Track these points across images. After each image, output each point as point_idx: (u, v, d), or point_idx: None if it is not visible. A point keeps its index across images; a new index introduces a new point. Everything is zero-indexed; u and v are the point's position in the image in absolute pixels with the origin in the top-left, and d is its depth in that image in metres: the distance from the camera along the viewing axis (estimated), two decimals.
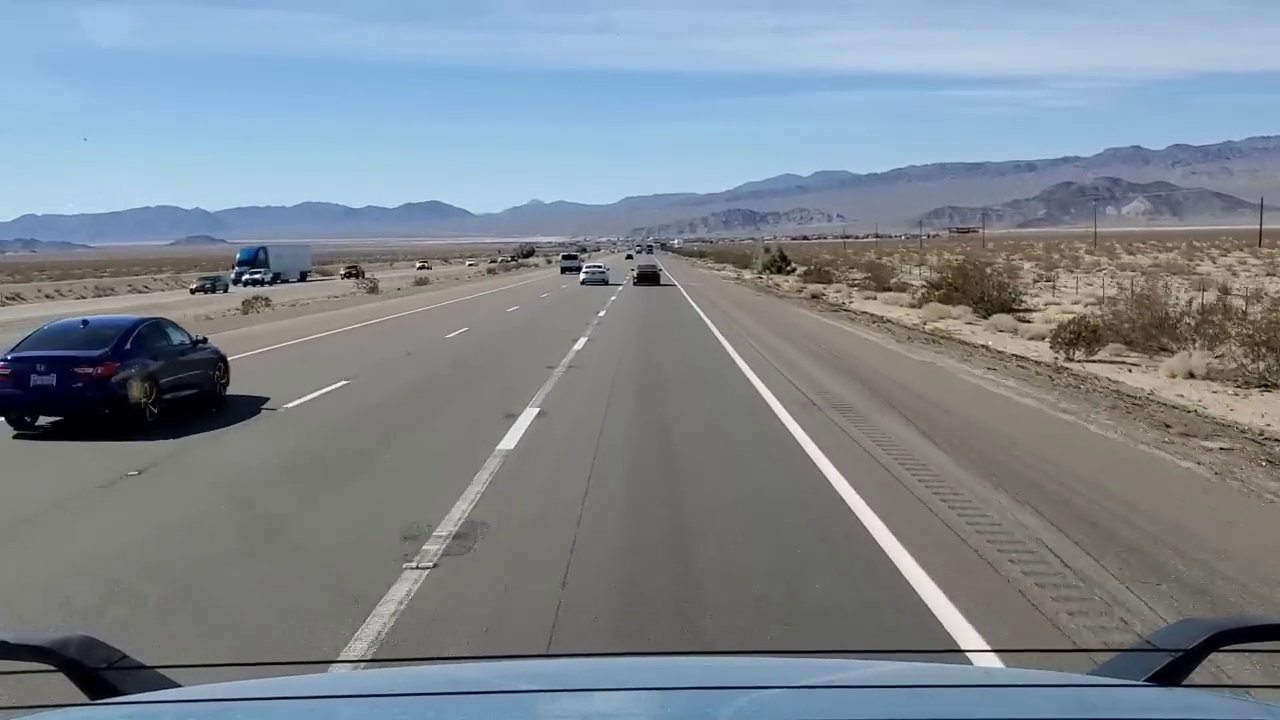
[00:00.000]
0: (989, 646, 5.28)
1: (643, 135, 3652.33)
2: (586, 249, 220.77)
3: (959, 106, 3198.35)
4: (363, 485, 9.43)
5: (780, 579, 6.43)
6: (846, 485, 9.03)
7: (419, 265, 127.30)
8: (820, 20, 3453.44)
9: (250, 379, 16.84)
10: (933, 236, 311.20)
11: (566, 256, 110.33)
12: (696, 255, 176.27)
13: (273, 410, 14.21)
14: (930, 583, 6.26)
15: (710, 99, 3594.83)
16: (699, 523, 7.92)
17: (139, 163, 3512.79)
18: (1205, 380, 18.07)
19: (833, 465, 9.90)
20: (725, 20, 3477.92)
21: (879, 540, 7.26)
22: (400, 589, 6.21)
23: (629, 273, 71.69)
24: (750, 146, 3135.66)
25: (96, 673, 1.54)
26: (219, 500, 8.89)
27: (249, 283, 76.81)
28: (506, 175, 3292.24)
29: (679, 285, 59.90)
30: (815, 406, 13.70)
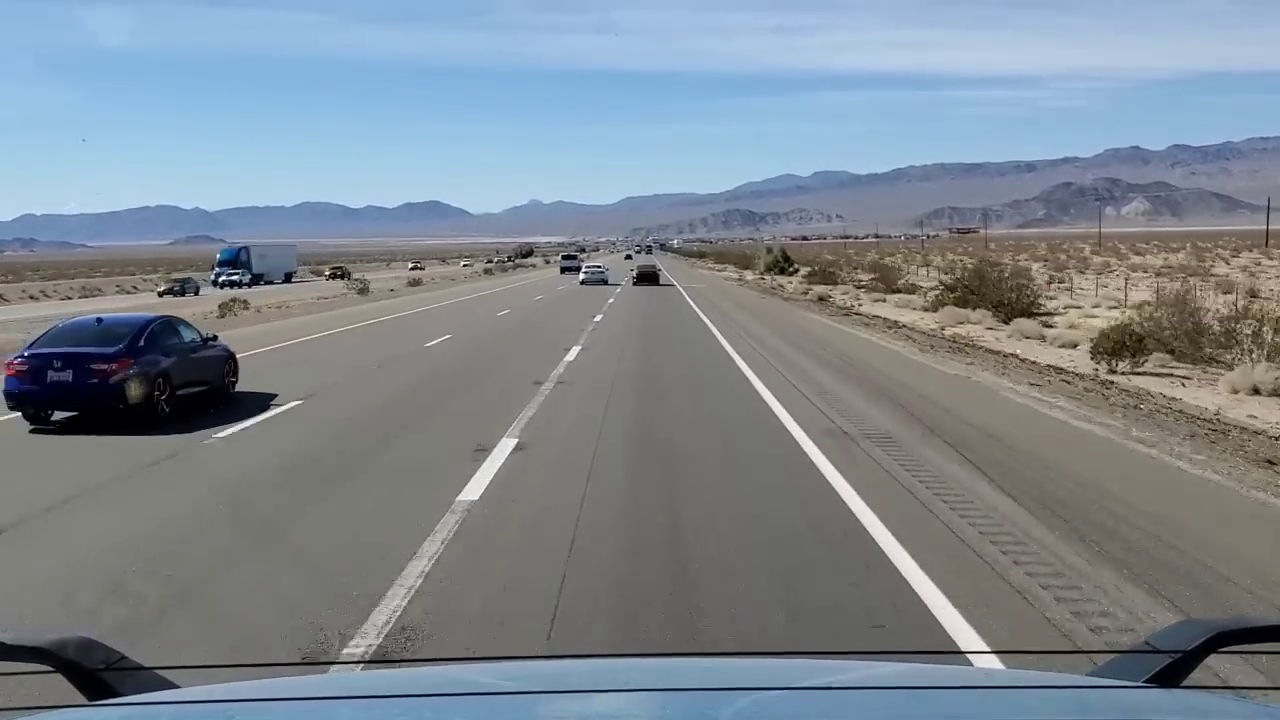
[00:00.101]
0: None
1: (642, 135, 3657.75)
2: (586, 249, 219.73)
3: (958, 107, 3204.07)
4: (261, 578, 6.73)
5: None
6: (910, 562, 6.76)
7: (412, 266, 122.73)
8: (820, 20, 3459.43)
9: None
10: (932, 237, 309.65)
11: (566, 257, 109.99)
12: (696, 255, 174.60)
13: (189, 443, 11.92)
14: None
15: (710, 99, 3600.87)
16: (721, 633, 5.48)
17: (138, 162, 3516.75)
18: (1275, 397, 16.09)
19: (885, 528, 7.65)
20: (725, 20, 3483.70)
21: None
22: None
23: (628, 273, 71.40)
24: (750, 147, 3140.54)
25: (95, 674, 1.55)
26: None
27: (226, 284, 74.02)
28: (506, 175, 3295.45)
29: (679, 287, 57.76)
30: (847, 437, 11.48)
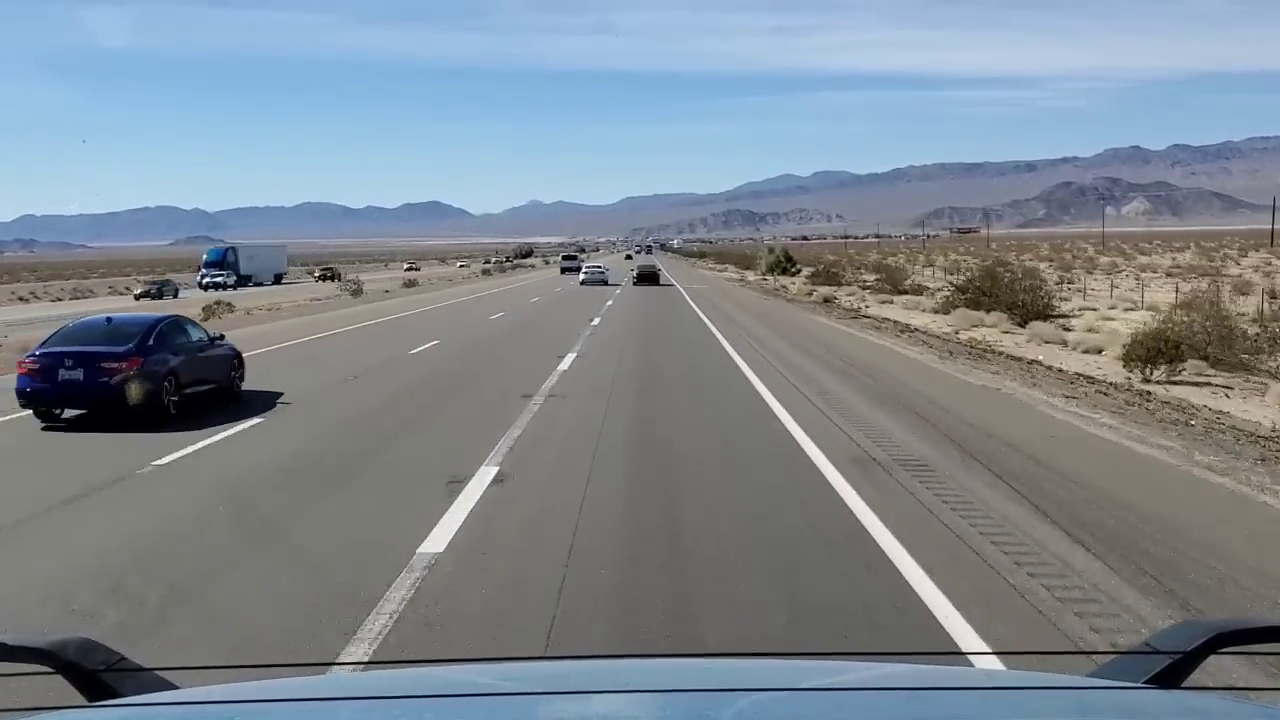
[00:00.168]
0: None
1: (642, 136, 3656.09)
2: (586, 249, 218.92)
3: (958, 107, 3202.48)
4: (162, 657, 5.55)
5: None
6: (987, 649, 5.20)
7: (407, 267, 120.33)
8: (819, 21, 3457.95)
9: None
10: (933, 237, 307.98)
11: (566, 257, 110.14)
12: (696, 256, 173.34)
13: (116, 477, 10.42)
14: None
15: (709, 99, 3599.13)
16: None
17: (138, 163, 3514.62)
18: None
19: (948, 599, 6.04)
20: (724, 21, 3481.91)
21: None
22: None
23: (629, 273, 71.26)
24: (749, 147, 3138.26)
25: (95, 675, 1.54)
26: None
27: (211, 286, 71.76)
28: (506, 176, 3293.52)
29: (680, 288, 56.32)
30: (877, 465, 10.01)
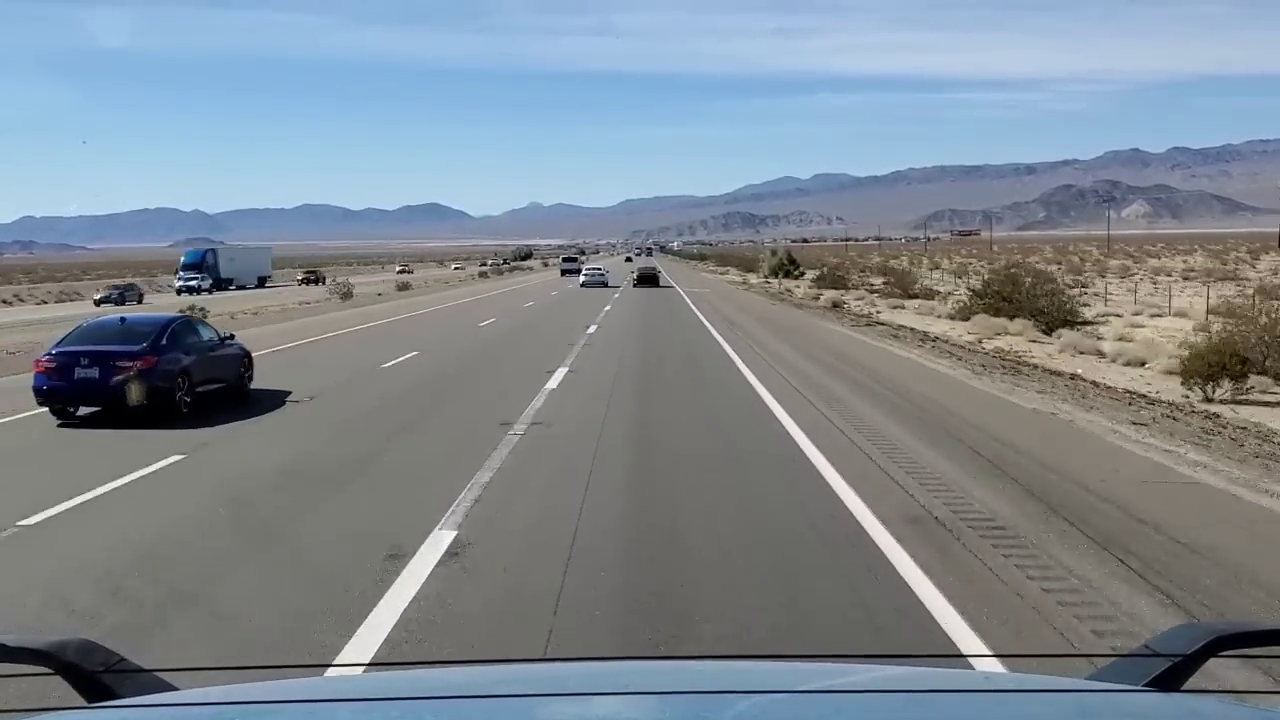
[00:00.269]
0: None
1: (642, 138, 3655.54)
2: (585, 252, 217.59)
3: (958, 109, 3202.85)
4: None
5: None
6: None
7: (399, 269, 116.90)
8: (819, 23, 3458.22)
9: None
10: (933, 239, 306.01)
11: (566, 259, 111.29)
12: (697, 258, 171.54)
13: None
14: None
15: (709, 101, 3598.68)
16: None
17: (138, 165, 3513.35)
18: None
19: None
20: (724, 23, 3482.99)
21: None
22: None
23: (629, 275, 71.02)
24: (749, 149, 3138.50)
25: (94, 676, 1.54)
26: None
27: (183, 290, 68.69)
28: (505, 177, 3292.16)
29: (682, 292, 54.31)
30: (942, 528, 7.87)
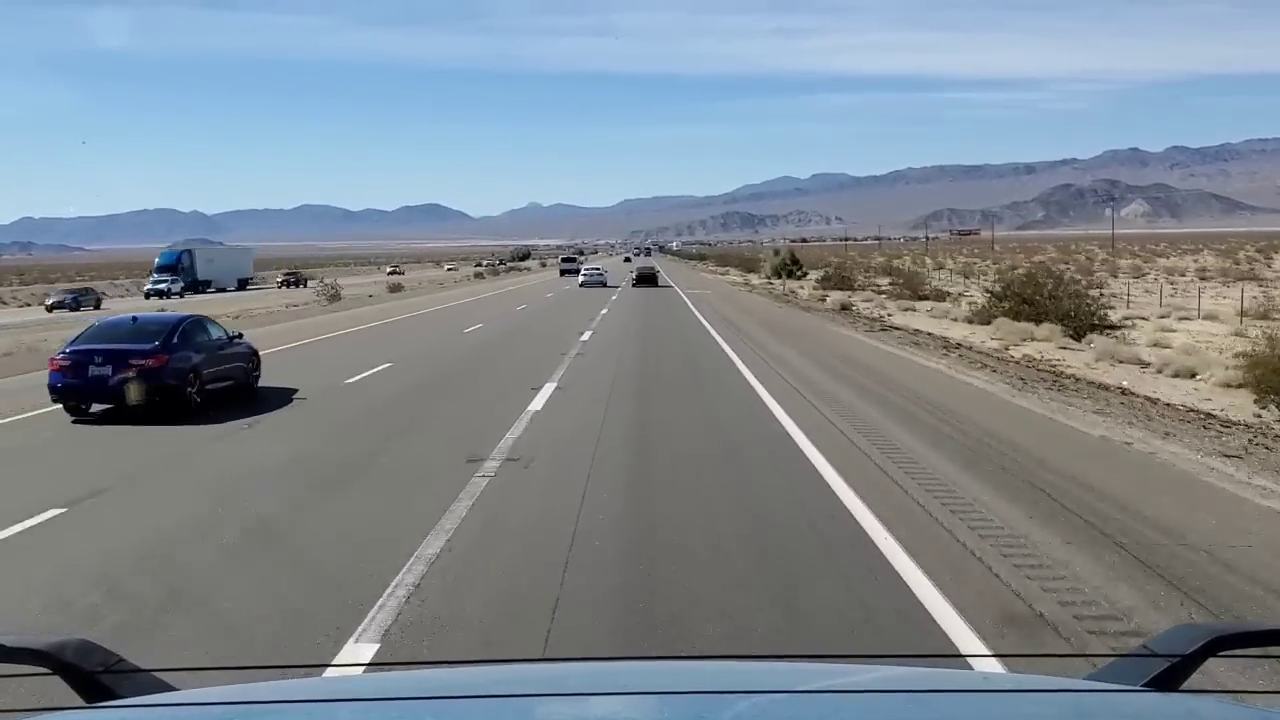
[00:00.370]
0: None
1: (641, 138, 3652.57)
2: (584, 252, 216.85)
3: (957, 109, 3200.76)
4: None
5: None
6: None
7: (390, 270, 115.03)
8: (818, 23, 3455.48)
9: None
10: (933, 239, 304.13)
11: (565, 259, 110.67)
12: (696, 258, 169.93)
13: None
14: None
15: (708, 101, 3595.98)
16: None
17: (137, 165, 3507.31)
18: None
19: None
20: (724, 23, 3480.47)
21: None
22: None
23: (628, 275, 71.17)
24: (748, 149, 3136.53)
25: (93, 676, 1.54)
26: None
27: (153, 293, 66.21)
28: (505, 178, 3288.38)
29: (682, 294, 52.48)
30: (1053, 630, 5.60)
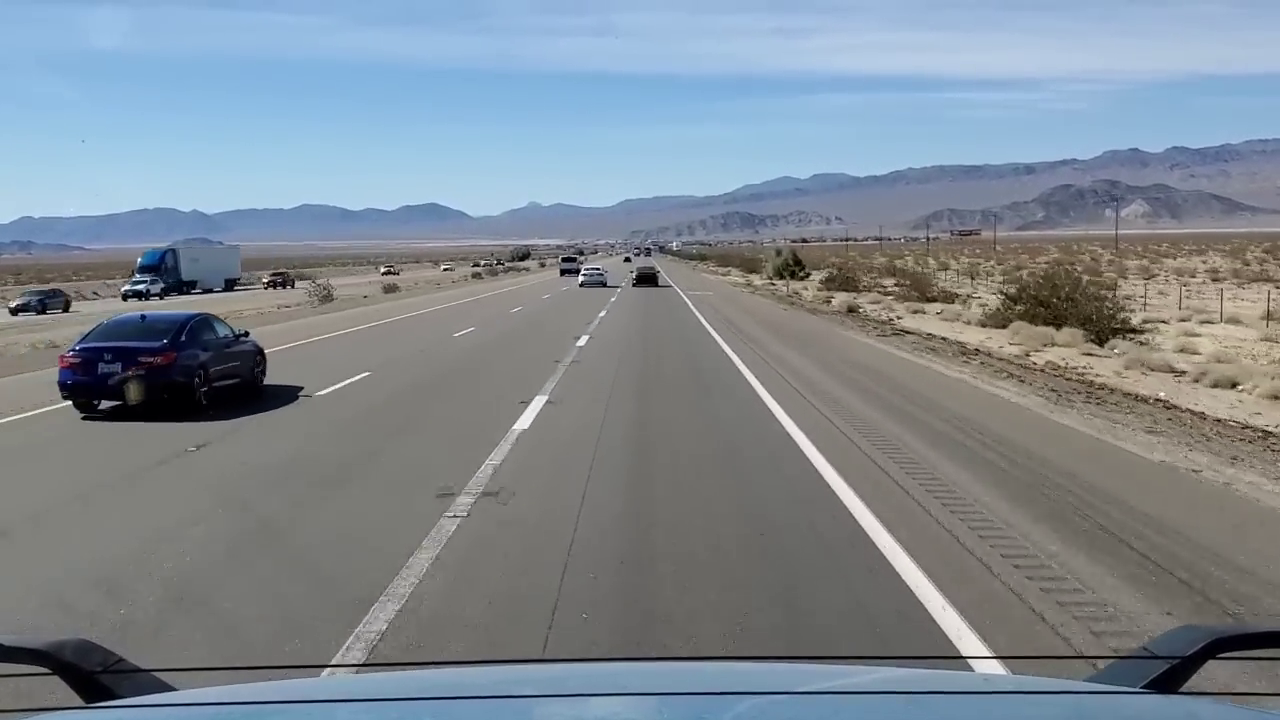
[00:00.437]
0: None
1: (641, 138, 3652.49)
2: (584, 252, 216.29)
3: (957, 109, 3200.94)
4: None
5: None
6: None
7: (384, 270, 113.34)
8: (818, 23, 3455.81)
9: None
10: (934, 239, 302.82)
11: (565, 259, 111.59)
12: (696, 258, 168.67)
13: None
14: None
15: (708, 102, 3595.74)
16: None
17: (137, 165, 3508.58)
18: None
19: None
20: (724, 23, 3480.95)
21: None
22: None
23: (628, 275, 71.44)
24: (748, 149, 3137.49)
25: (92, 676, 1.54)
26: None
27: (130, 295, 63.50)
28: (505, 178, 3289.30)
29: (684, 295, 51.04)
30: None
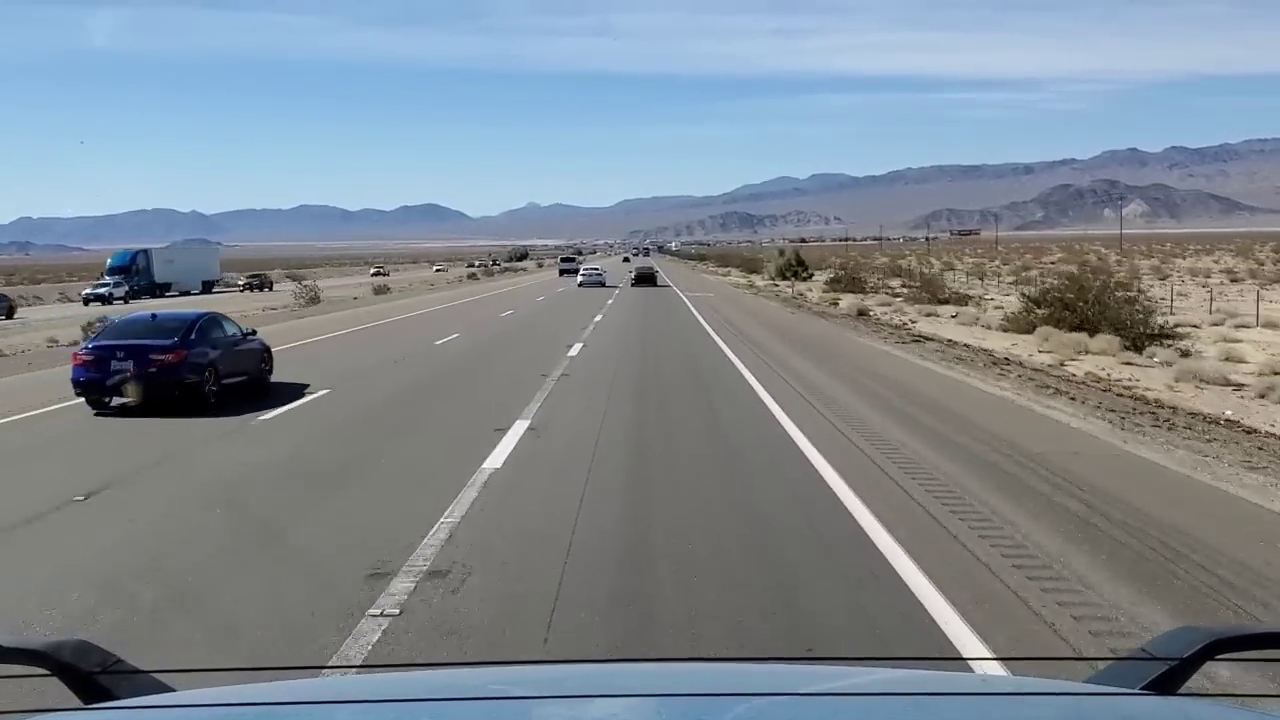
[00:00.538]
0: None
1: (640, 138, 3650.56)
2: (583, 252, 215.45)
3: (956, 109, 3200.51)
4: None
5: None
6: None
7: (374, 271, 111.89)
8: (818, 23, 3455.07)
9: None
10: (933, 239, 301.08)
11: (564, 259, 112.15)
12: (696, 259, 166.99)
13: None
14: None
15: (707, 102, 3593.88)
16: None
17: (136, 165, 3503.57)
18: None
19: None
20: (723, 23, 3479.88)
21: None
22: None
23: (626, 275, 71.57)
24: (747, 149, 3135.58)
25: (91, 677, 1.53)
26: None
27: (92, 299, 59.84)
28: (504, 178, 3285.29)
29: (685, 297, 49.05)
30: None
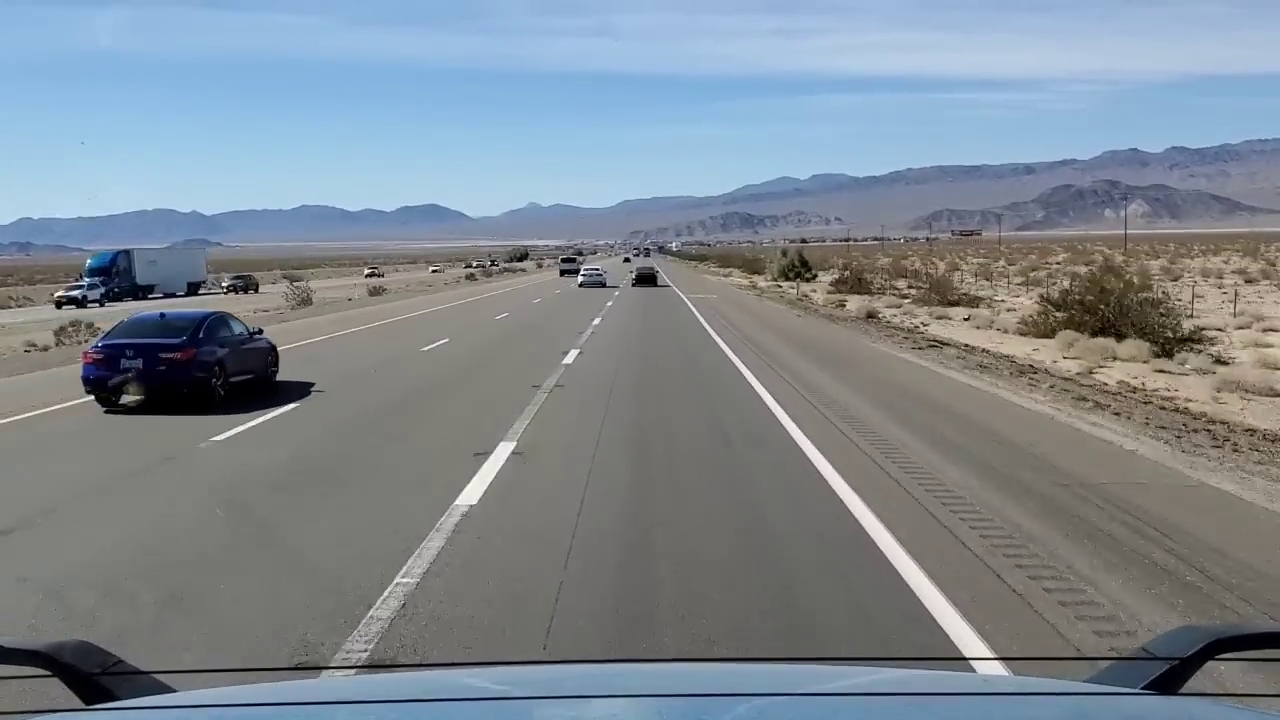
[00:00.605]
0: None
1: (640, 138, 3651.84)
2: (584, 252, 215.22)
3: (957, 109, 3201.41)
4: None
5: None
6: None
7: (368, 272, 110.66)
8: (818, 23, 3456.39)
9: None
10: (934, 239, 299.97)
11: (565, 260, 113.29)
12: (697, 259, 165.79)
13: None
14: None
15: (708, 102, 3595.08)
16: None
17: (136, 166, 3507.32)
18: None
19: None
20: (723, 23, 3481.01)
21: None
22: None
23: (627, 275, 72.08)
24: (748, 149, 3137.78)
25: (91, 678, 1.53)
26: None
27: (65, 301, 57.57)
28: (504, 178, 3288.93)
29: (686, 300, 47.57)
30: None
